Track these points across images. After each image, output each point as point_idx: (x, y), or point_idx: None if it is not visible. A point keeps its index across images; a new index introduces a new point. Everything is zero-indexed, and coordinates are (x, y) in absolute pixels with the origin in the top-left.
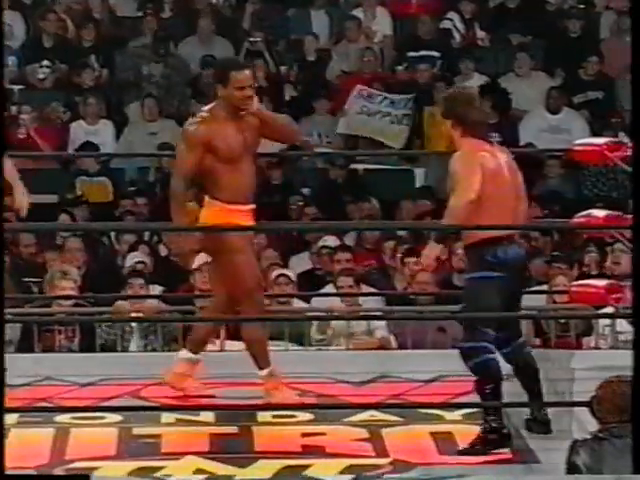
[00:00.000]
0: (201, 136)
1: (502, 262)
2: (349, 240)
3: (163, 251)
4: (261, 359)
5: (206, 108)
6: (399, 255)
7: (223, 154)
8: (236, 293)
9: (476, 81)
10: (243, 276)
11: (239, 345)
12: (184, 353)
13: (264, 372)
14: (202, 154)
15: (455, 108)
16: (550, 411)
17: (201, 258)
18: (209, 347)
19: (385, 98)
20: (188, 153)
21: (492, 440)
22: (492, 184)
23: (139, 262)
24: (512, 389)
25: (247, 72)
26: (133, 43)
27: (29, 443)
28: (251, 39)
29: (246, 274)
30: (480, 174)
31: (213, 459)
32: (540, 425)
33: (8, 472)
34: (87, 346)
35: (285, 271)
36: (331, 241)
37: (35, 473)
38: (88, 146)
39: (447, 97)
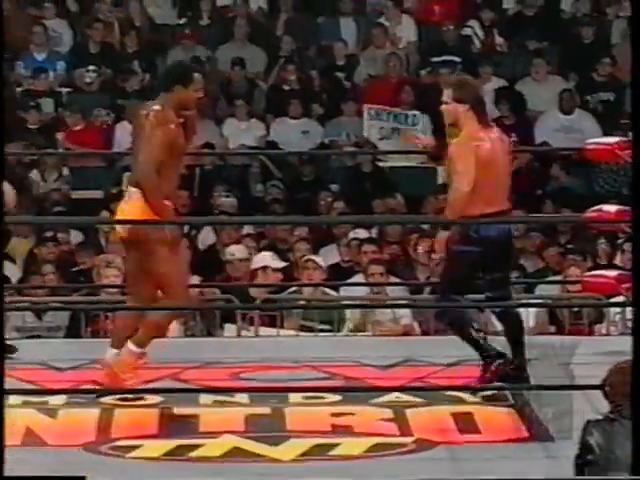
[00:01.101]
0: (173, 134)
1: (484, 238)
2: (376, 233)
3: (201, 244)
4: (144, 341)
5: (156, 106)
6: (421, 248)
7: (178, 152)
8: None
9: (494, 84)
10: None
11: (272, 331)
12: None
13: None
14: (165, 150)
15: (470, 92)
16: (565, 393)
17: (239, 251)
18: (244, 333)
19: (389, 113)
20: (161, 148)
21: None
22: (485, 170)
23: None
24: (533, 373)
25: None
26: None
27: (76, 422)
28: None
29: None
30: (474, 164)
31: (248, 438)
32: (515, 371)
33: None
34: None
35: (314, 257)
36: (360, 233)
37: (81, 450)
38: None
39: (460, 82)
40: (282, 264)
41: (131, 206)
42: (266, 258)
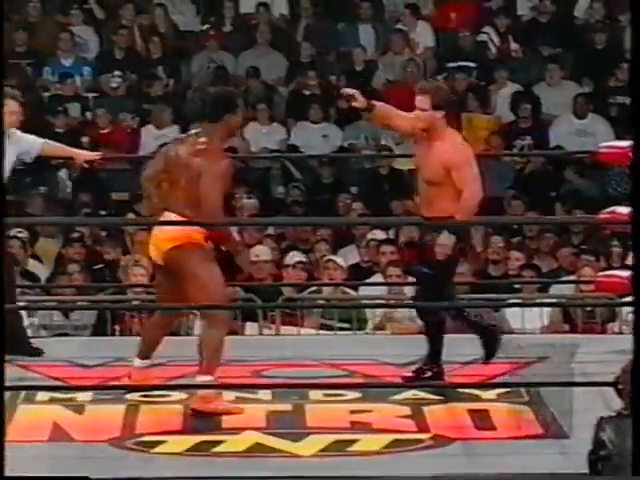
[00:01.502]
0: (230, 167)
1: (463, 234)
2: (394, 234)
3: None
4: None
5: (202, 137)
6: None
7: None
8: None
9: (509, 89)
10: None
11: (293, 329)
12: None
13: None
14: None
15: (447, 98)
16: (579, 390)
17: (263, 252)
18: (265, 331)
19: None
20: (223, 182)
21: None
22: None
23: None
24: (547, 371)
25: None
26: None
27: (103, 418)
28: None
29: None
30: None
31: (269, 434)
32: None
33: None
34: None
35: (334, 257)
36: (378, 234)
37: (107, 445)
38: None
39: (437, 88)
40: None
41: (171, 232)
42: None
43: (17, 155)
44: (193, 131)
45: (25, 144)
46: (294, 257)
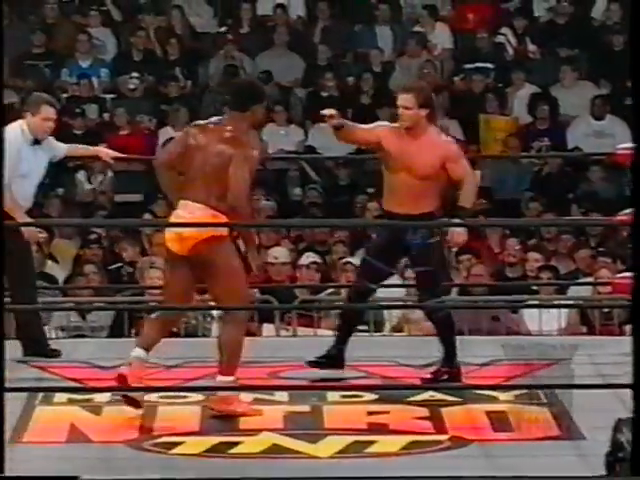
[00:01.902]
0: (257, 156)
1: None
2: None
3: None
4: (232, 362)
5: (229, 126)
6: (454, 250)
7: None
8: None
9: (527, 91)
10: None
11: (309, 331)
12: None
13: None
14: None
15: (430, 97)
16: (596, 392)
17: (282, 254)
18: (282, 332)
19: None
20: (251, 172)
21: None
22: None
23: None
24: (564, 372)
25: None
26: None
27: (120, 419)
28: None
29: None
30: None
31: (287, 435)
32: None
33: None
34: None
35: (351, 259)
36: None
37: (124, 446)
38: None
39: (421, 87)
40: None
41: (201, 220)
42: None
43: (49, 160)
44: (214, 119)
45: (55, 149)
46: (308, 258)
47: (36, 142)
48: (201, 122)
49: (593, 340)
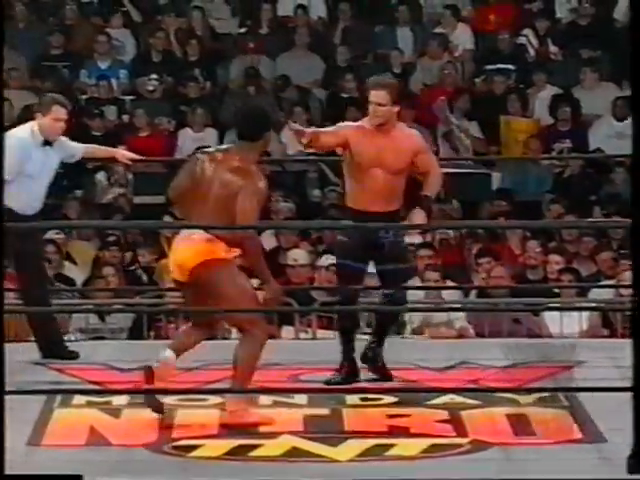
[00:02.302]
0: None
1: None
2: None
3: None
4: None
5: (236, 155)
6: (474, 253)
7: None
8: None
9: (548, 92)
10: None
11: (329, 333)
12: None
13: None
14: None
15: (398, 94)
16: (618, 395)
17: (302, 257)
18: (302, 335)
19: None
20: (259, 203)
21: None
22: None
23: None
24: (585, 375)
25: None
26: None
27: (139, 422)
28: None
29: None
30: None
31: (307, 438)
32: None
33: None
34: None
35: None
36: (416, 238)
37: (143, 449)
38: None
39: (393, 84)
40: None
41: (194, 248)
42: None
43: (61, 160)
44: (223, 147)
45: (68, 149)
46: (327, 260)
47: (47, 143)
48: (210, 149)
49: (615, 343)
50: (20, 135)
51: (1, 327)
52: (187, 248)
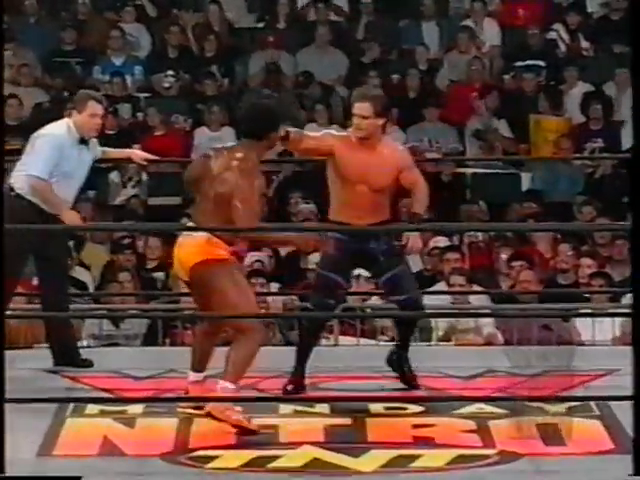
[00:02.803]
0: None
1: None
2: (458, 241)
3: (282, 251)
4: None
5: (239, 153)
6: (504, 256)
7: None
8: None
9: (580, 89)
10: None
11: (352, 340)
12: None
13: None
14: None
15: (386, 106)
16: None
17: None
18: (323, 341)
19: None
20: (259, 201)
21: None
22: None
23: (257, 261)
24: (618, 383)
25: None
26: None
27: (154, 432)
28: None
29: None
30: None
31: (328, 449)
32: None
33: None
34: None
35: None
36: (442, 242)
37: (159, 460)
38: None
39: (378, 95)
40: None
41: (195, 246)
42: None
43: (93, 159)
44: (230, 144)
45: (96, 148)
46: None
47: (82, 141)
48: (219, 146)
49: None
50: (57, 132)
51: (2, 337)
52: (187, 246)
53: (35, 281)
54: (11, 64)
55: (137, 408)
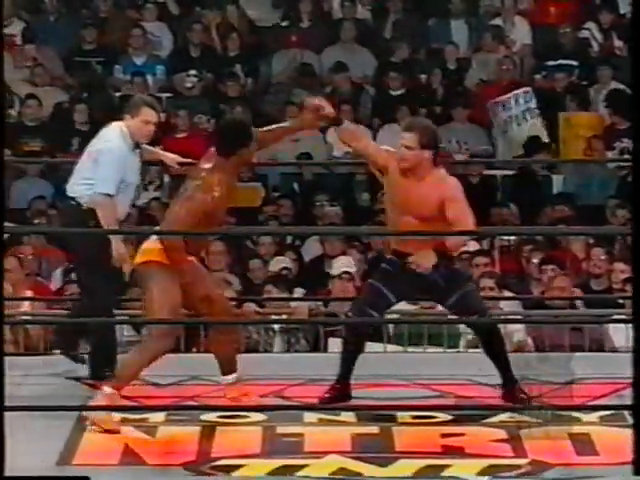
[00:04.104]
0: (213, 205)
1: None
2: (488, 245)
3: (306, 255)
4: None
5: (207, 165)
6: (535, 260)
7: (213, 221)
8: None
9: (613, 89)
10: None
11: (379, 346)
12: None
13: None
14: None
15: (434, 137)
16: None
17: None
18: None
19: (516, 95)
20: (194, 217)
21: None
22: None
23: (284, 268)
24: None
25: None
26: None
27: (176, 440)
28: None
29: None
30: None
31: (355, 458)
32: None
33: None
34: None
35: (348, 268)
36: (471, 246)
37: (182, 470)
38: None
39: (425, 126)
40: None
41: (149, 245)
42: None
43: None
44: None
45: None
46: (342, 267)
47: (137, 146)
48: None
49: None
50: (117, 143)
51: (1, 344)
52: (143, 248)
53: (53, 286)
54: (30, 64)
55: (159, 416)
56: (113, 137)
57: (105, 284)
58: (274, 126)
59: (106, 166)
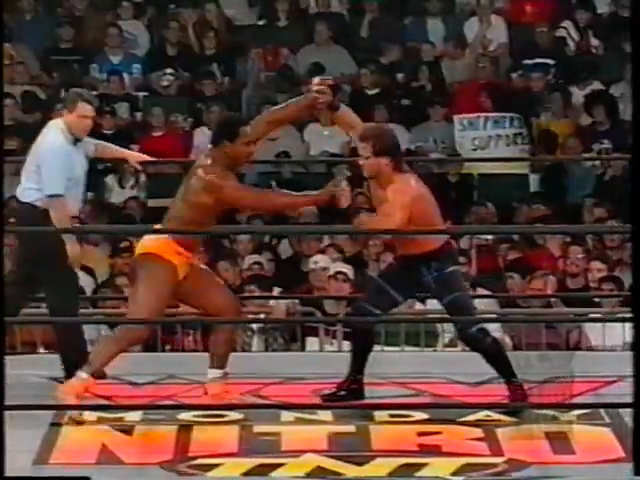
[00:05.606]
0: (216, 197)
1: None
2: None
3: (283, 254)
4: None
5: (208, 160)
6: (509, 259)
7: (215, 212)
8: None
9: (591, 88)
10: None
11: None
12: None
13: None
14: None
15: (391, 144)
16: None
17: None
18: (327, 347)
19: (487, 119)
20: (200, 211)
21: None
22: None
23: (256, 263)
24: (629, 390)
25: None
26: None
27: (153, 439)
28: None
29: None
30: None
31: (331, 457)
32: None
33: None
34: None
35: (343, 268)
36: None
37: (159, 468)
38: None
39: (379, 134)
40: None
41: (150, 240)
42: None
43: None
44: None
45: (87, 146)
46: (337, 267)
47: (77, 141)
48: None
49: None
50: (59, 140)
51: (2, 343)
52: (145, 240)
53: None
54: (7, 62)
55: (136, 415)
56: (54, 136)
57: (67, 284)
58: (284, 104)
59: (50, 168)
